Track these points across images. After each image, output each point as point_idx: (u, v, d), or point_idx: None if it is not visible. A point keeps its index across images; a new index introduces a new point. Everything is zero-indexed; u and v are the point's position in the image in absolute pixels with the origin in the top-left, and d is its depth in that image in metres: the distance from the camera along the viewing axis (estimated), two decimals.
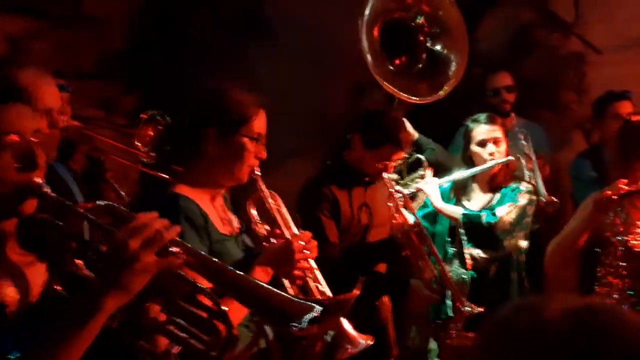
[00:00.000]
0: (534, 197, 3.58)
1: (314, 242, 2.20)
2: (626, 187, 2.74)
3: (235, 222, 2.28)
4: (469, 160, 3.60)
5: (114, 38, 4.97)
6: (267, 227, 2.27)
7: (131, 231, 1.36)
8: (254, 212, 2.30)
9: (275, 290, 1.54)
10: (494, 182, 3.59)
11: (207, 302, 1.45)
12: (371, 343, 2.30)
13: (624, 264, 2.87)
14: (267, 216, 2.31)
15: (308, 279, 2.27)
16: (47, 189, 1.44)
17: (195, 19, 5.27)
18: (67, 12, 4.59)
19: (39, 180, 1.45)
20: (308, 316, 1.46)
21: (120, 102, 4.97)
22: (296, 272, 2.17)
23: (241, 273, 1.55)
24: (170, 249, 1.40)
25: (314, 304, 1.51)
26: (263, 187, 2.27)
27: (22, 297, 1.47)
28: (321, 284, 2.31)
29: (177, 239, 1.43)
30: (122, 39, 5.05)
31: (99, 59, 4.82)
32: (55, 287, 1.46)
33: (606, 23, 4.88)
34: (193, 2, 5.32)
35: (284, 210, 2.33)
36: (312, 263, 2.27)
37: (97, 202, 1.48)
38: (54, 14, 4.47)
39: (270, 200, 2.29)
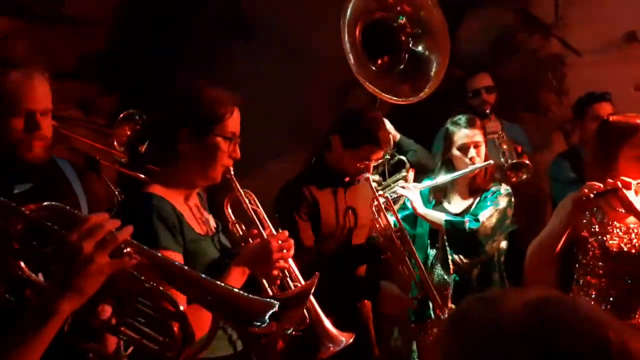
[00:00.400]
0: (513, 199, 3.59)
1: (291, 241, 2.19)
2: (602, 186, 2.76)
3: (212, 222, 2.27)
4: (449, 163, 3.60)
5: (94, 38, 4.94)
6: (244, 227, 2.27)
7: (84, 233, 1.35)
8: (230, 212, 2.30)
9: (233, 288, 1.54)
10: (473, 184, 3.59)
11: (161, 302, 1.44)
12: (352, 341, 2.30)
13: (601, 263, 2.89)
14: (244, 216, 2.31)
15: (287, 278, 2.27)
16: None
17: (176, 19, 5.25)
18: (48, 12, 4.55)
19: None
20: (268, 313, 1.46)
21: (100, 102, 4.93)
22: (274, 272, 2.16)
23: (197, 273, 1.55)
24: (124, 250, 1.39)
25: (272, 301, 1.52)
26: (238, 187, 2.26)
27: None
28: (301, 283, 2.31)
29: (130, 239, 1.42)
30: (102, 40, 5.02)
31: (78, 59, 4.79)
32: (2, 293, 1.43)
33: (586, 25, 4.92)
34: (174, 3, 5.30)
35: (261, 209, 2.32)
36: (291, 262, 2.26)
37: (44, 203, 1.45)
38: (34, 13, 4.43)
39: (246, 200, 2.28)
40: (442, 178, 3.55)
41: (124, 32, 5.06)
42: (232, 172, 2.20)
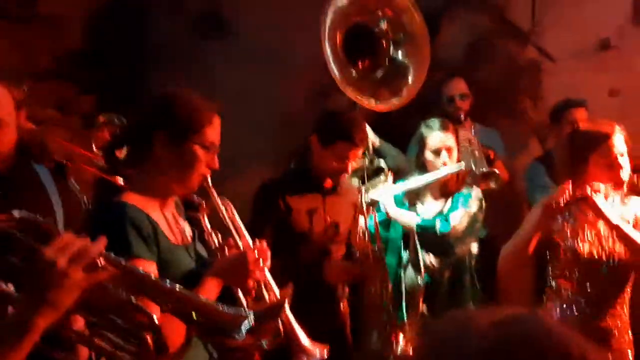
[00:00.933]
0: (484, 203, 3.63)
1: (267, 252, 2.17)
2: (570, 192, 2.80)
3: (188, 230, 2.24)
4: (422, 166, 3.62)
5: (70, 38, 4.90)
6: (220, 237, 2.24)
7: (58, 248, 1.35)
8: (206, 221, 2.26)
9: (207, 301, 1.54)
10: (445, 188, 3.62)
11: (134, 313, 1.44)
12: (326, 354, 2.29)
13: (573, 267, 2.92)
14: (222, 223, 2.29)
15: (262, 289, 2.25)
16: None
17: (153, 20, 5.22)
18: (23, 11, 4.50)
19: None
20: (244, 326, 1.46)
21: (76, 102, 4.89)
22: (250, 282, 2.14)
23: (171, 284, 1.54)
24: (98, 263, 1.39)
25: (245, 313, 1.51)
26: (215, 196, 2.23)
27: None
28: (275, 293, 2.27)
29: (104, 251, 1.42)
30: (79, 39, 4.97)
31: (55, 59, 4.73)
32: None
33: (561, 32, 4.97)
34: (151, 3, 5.27)
35: (237, 218, 2.30)
36: (267, 272, 2.24)
37: (13, 213, 1.44)
38: (9, 13, 4.37)
39: (223, 209, 2.26)
40: (415, 181, 3.58)
41: (100, 31, 5.02)
42: (210, 181, 2.17)
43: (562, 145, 3.11)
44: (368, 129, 3.74)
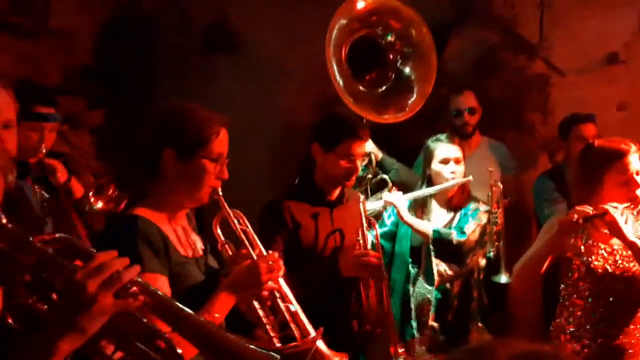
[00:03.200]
0: (491, 217, 3.65)
1: (280, 262, 2.17)
2: (590, 211, 2.78)
3: (199, 243, 2.25)
4: (428, 179, 3.66)
5: (80, 53, 4.93)
6: (233, 249, 2.24)
7: (89, 272, 1.35)
8: (219, 232, 2.27)
9: (236, 338, 1.53)
10: (451, 202, 3.66)
11: (160, 343, 1.44)
12: None
13: (586, 284, 2.90)
14: (235, 235, 2.29)
15: (278, 299, 2.25)
16: (4, 220, 1.42)
17: (162, 34, 5.26)
18: (33, 25, 4.53)
19: None
20: None
21: (86, 117, 4.92)
22: (264, 293, 2.14)
23: (202, 318, 1.55)
24: (129, 289, 1.39)
25: (274, 354, 1.51)
26: (226, 207, 2.23)
27: None
28: (292, 304, 2.29)
29: (137, 278, 1.41)
30: (88, 54, 5.01)
31: (64, 73, 4.77)
32: (4, 317, 1.42)
33: (570, 46, 4.98)
34: (160, 18, 5.31)
35: (250, 229, 2.30)
36: (282, 282, 2.25)
37: (56, 235, 1.45)
38: (19, 27, 4.41)
39: (235, 220, 2.26)
40: (424, 191, 3.60)
41: (109, 46, 5.06)
42: (220, 193, 2.18)
43: (576, 162, 3.07)
44: (371, 142, 3.76)
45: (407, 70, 3.84)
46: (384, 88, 3.87)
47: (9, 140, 2.22)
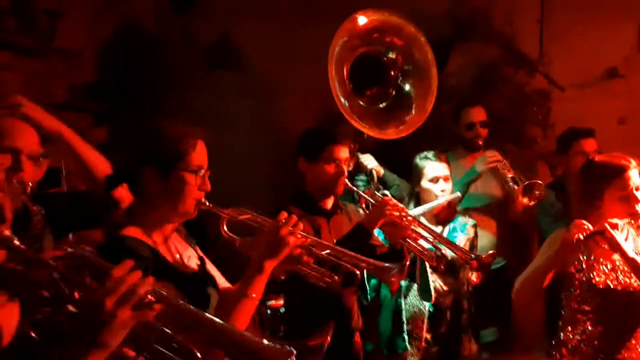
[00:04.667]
0: (477, 230, 3.75)
1: (294, 217, 2.21)
2: (592, 228, 2.81)
3: (194, 259, 2.26)
4: (417, 196, 3.72)
5: (84, 70, 4.98)
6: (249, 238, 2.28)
7: (106, 290, 1.41)
8: (230, 234, 2.30)
9: (251, 336, 1.57)
10: (439, 216, 3.72)
11: (178, 348, 1.49)
12: None
13: (588, 299, 2.93)
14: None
15: (313, 249, 2.31)
16: (17, 242, 1.47)
17: (166, 51, 5.31)
18: (40, 44, 4.58)
19: (7, 233, 1.48)
20: None
21: (90, 133, 4.95)
22: (297, 250, 2.21)
23: (218, 319, 1.59)
24: (145, 300, 1.45)
25: (290, 349, 1.55)
26: (221, 210, 2.25)
27: None
28: (329, 248, 2.38)
29: (151, 288, 1.47)
30: (93, 71, 5.06)
31: (69, 90, 4.82)
32: (26, 332, 1.47)
33: (569, 60, 5.03)
34: (164, 35, 5.37)
35: (253, 212, 2.32)
36: (311, 236, 2.32)
37: (68, 250, 1.50)
38: (26, 46, 4.46)
39: (235, 215, 2.28)
40: (417, 210, 3.62)
41: (114, 63, 5.11)
42: (207, 202, 2.18)
43: (577, 177, 3.12)
44: (372, 158, 3.80)
45: (407, 87, 3.86)
46: (384, 104, 3.89)
47: (31, 170, 2.28)
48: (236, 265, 2.33)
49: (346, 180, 3.16)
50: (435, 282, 3.57)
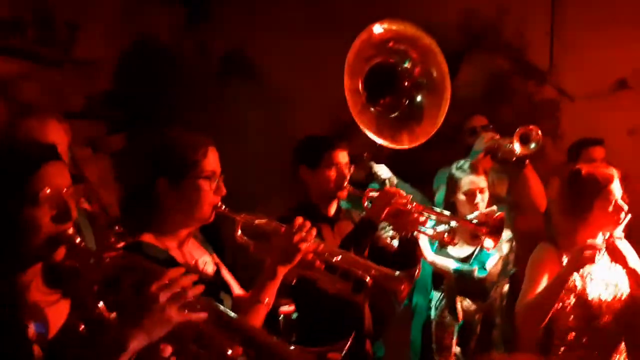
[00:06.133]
0: (513, 244, 3.69)
1: (307, 223, 2.25)
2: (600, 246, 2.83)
3: (210, 265, 2.30)
4: (452, 207, 3.66)
5: (101, 80, 5.06)
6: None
7: (162, 286, 1.55)
8: (245, 238, 2.35)
9: (279, 341, 1.68)
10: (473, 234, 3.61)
11: (214, 348, 1.60)
12: None
13: (578, 312, 2.92)
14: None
15: (326, 256, 2.37)
16: (78, 240, 1.59)
17: (181, 61, 5.39)
18: (59, 55, 4.67)
19: (71, 231, 1.59)
20: None
21: (106, 141, 5.03)
22: (309, 256, 2.26)
23: (256, 328, 1.72)
24: (193, 304, 1.57)
25: (311, 355, 1.65)
26: (235, 215, 2.29)
27: (43, 335, 1.59)
28: (340, 255, 2.42)
29: (200, 295, 1.60)
30: (109, 81, 5.13)
31: (86, 99, 4.89)
32: (76, 326, 1.59)
33: (579, 71, 5.07)
34: (179, 46, 5.45)
35: (268, 219, 2.37)
36: (323, 243, 2.37)
37: (122, 252, 1.64)
38: (46, 57, 4.54)
39: (249, 220, 2.33)
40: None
41: (130, 73, 5.18)
42: (223, 207, 2.23)
43: (561, 187, 3.08)
44: (386, 168, 3.81)
45: (420, 97, 3.86)
46: (397, 114, 3.90)
47: None
48: (249, 272, 2.38)
49: (347, 184, 3.16)
50: (462, 301, 3.56)
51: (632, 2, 4.93)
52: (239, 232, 2.34)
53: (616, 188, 2.93)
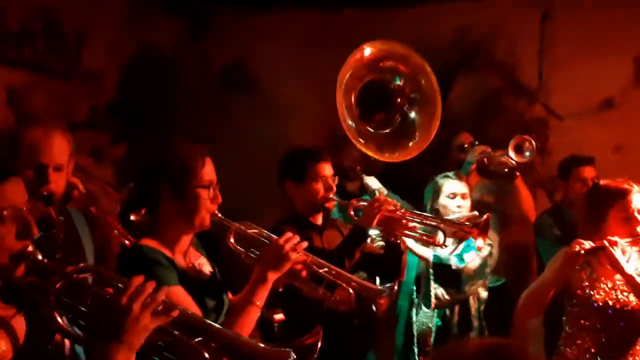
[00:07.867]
0: (494, 250, 3.83)
1: (296, 237, 2.37)
2: (593, 244, 2.98)
3: (207, 267, 2.39)
4: (435, 213, 3.80)
5: (105, 90, 5.13)
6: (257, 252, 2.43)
7: (131, 295, 1.57)
8: (238, 246, 2.46)
9: (249, 340, 1.74)
10: (457, 233, 3.74)
11: (188, 352, 1.66)
12: None
13: (587, 315, 3.05)
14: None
15: (313, 267, 2.47)
16: (39, 256, 1.61)
17: (182, 73, 5.49)
18: (67, 67, 4.76)
19: (31, 248, 1.62)
20: None
21: (109, 151, 5.12)
22: (297, 266, 2.36)
23: (217, 325, 1.75)
24: (160, 307, 1.61)
25: (288, 351, 1.70)
26: (231, 222, 2.40)
27: (13, 348, 1.63)
28: (327, 267, 2.52)
29: (165, 298, 1.63)
30: (113, 91, 5.21)
31: (90, 110, 4.97)
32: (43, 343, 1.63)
33: (568, 90, 5.19)
34: (181, 58, 5.55)
35: (262, 230, 2.50)
36: (308, 254, 2.46)
37: (84, 265, 1.66)
38: (54, 69, 4.63)
39: (243, 229, 2.45)
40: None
41: (132, 84, 5.26)
42: (219, 214, 2.34)
43: (583, 200, 3.30)
44: (375, 180, 3.92)
45: (412, 114, 3.93)
46: (390, 129, 3.99)
47: (57, 181, 2.44)
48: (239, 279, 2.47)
49: (333, 195, 3.24)
50: (436, 289, 3.67)
51: (618, 23, 5.04)
52: (232, 239, 2.45)
53: (634, 200, 3.06)
